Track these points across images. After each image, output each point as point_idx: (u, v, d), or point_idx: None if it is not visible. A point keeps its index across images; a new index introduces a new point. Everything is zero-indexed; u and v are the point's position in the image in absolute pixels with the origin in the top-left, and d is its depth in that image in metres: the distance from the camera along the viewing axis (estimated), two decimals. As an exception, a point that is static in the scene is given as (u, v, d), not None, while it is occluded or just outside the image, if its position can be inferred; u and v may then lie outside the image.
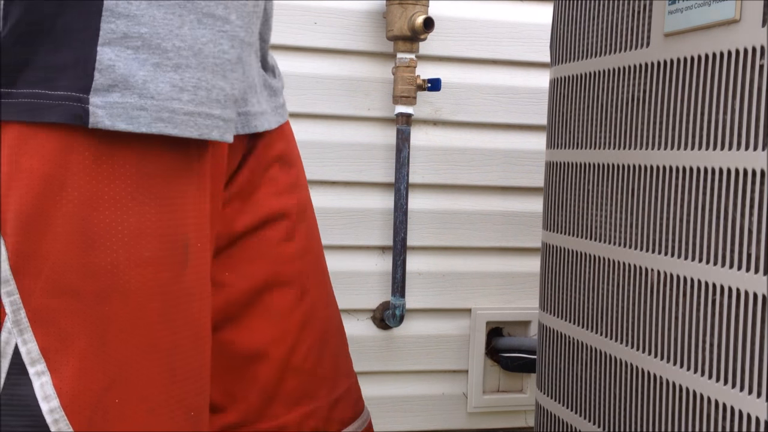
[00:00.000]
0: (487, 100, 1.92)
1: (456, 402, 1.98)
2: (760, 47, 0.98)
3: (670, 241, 1.13)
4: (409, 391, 1.95)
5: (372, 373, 1.92)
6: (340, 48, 1.84)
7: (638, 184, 1.20)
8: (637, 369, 1.19)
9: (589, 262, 1.32)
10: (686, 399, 1.09)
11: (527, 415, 2.02)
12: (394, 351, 1.93)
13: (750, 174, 0.99)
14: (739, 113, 1.01)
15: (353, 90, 1.85)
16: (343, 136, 1.85)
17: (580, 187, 1.35)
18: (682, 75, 1.11)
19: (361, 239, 1.88)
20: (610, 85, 1.27)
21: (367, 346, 1.91)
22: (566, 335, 1.38)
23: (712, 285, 1.05)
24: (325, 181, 1.85)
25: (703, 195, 1.07)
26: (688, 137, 1.10)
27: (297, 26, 1.80)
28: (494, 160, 1.94)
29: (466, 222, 1.93)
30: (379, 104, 1.86)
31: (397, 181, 1.85)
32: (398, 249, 1.85)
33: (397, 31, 1.79)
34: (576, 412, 1.35)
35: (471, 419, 1.99)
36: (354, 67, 1.85)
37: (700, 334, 1.07)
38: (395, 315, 1.86)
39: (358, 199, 1.88)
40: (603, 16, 1.28)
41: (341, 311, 1.89)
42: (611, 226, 1.26)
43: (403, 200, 1.85)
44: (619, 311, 1.24)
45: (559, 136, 1.42)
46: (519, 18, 1.92)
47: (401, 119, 1.84)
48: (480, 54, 1.91)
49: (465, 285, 1.95)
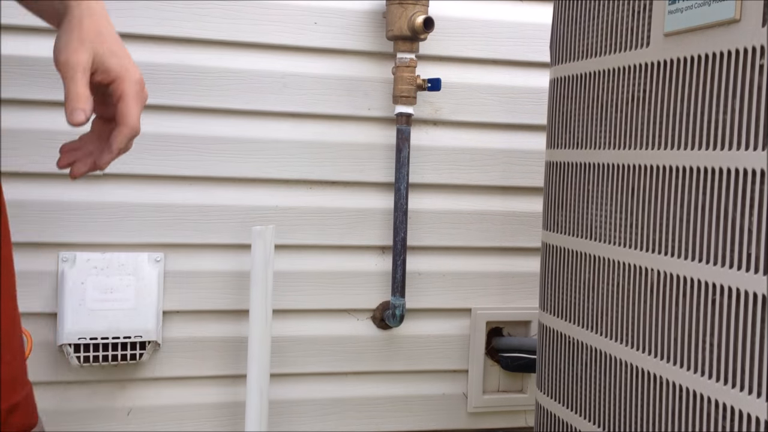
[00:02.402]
0: (487, 100, 1.92)
1: (456, 402, 1.98)
2: (760, 47, 0.98)
3: (670, 241, 1.13)
4: (409, 391, 1.95)
5: (372, 373, 1.92)
6: (340, 48, 1.84)
7: (638, 184, 1.20)
8: (637, 369, 1.19)
9: (589, 262, 1.31)
10: (686, 399, 1.09)
11: (527, 415, 2.02)
12: (394, 351, 1.93)
13: (750, 174, 0.99)
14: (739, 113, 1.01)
15: (353, 90, 1.85)
16: (343, 136, 1.85)
17: (580, 187, 1.35)
18: (682, 75, 1.11)
19: (361, 239, 1.88)
20: (610, 85, 1.27)
21: (367, 346, 1.91)
22: (566, 335, 1.38)
23: (712, 285, 1.05)
24: (325, 181, 1.85)
25: (703, 195, 1.07)
26: (688, 137, 1.10)
27: (297, 26, 1.80)
28: (494, 160, 1.94)
29: (466, 222, 1.93)
30: (379, 104, 1.86)
31: (397, 181, 1.85)
32: (398, 249, 1.85)
33: (397, 31, 1.79)
34: (576, 412, 1.35)
35: (471, 419, 1.99)
36: (354, 67, 1.85)
37: (700, 334, 1.07)
38: (395, 315, 1.86)
39: (358, 199, 1.88)
40: (603, 16, 1.28)
41: (341, 311, 1.90)
42: (611, 226, 1.26)
43: (403, 200, 1.85)
44: (619, 311, 1.24)
45: (559, 136, 1.42)
46: (519, 18, 1.92)
47: (401, 119, 1.84)
48: (480, 54, 1.91)
49: (465, 285, 1.95)
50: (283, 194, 1.83)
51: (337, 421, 1.91)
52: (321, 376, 1.89)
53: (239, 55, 1.78)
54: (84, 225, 1.72)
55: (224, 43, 1.77)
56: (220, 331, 1.82)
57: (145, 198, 1.76)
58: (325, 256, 1.87)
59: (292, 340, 1.86)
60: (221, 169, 1.79)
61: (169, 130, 1.76)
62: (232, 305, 1.81)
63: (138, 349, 1.72)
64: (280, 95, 1.81)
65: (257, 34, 1.79)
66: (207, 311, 1.81)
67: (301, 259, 1.85)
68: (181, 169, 1.77)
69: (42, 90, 1.67)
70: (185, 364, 1.80)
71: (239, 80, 1.78)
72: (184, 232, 1.78)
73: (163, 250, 1.77)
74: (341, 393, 1.91)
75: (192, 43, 1.75)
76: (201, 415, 1.83)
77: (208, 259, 1.80)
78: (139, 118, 0.92)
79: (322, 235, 1.86)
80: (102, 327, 1.69)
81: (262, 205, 1.82)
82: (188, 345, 1.80)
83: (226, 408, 1.84)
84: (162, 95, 1.74)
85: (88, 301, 1.69)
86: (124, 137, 0.91)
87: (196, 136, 1.77)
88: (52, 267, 1.70)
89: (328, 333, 1.88)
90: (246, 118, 1.80)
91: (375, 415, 1.93)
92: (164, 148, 1.75)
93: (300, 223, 1.84)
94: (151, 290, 1.73)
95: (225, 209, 1.80)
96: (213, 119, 1.78)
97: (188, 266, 1.79)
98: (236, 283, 1.81)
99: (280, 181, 1.83)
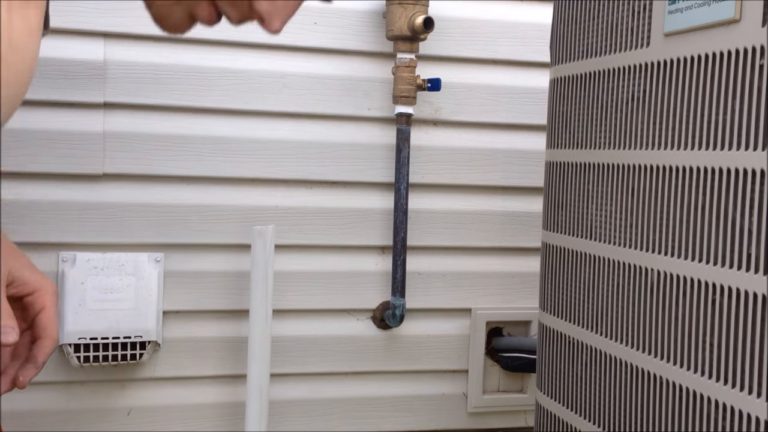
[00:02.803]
0: (487, 100, 1.92)
1: (456, 402, 1.98)
2: (760, 47, 0.98)
3: (670, 241, 1.13)
4: (409, 391, 1.95)
5: (372, 373, 1.92)
6: (340, 48, 1.84)
7: (638, 184, 1.20)
8: (637, 369, 1.19)
9: (589, 262, 1.31)
10: (686, 399, 1.09)
11: (527, 415, 2.02)
12: (394, 351, 1.93)
13: (750, 174, 0.99)
14: (739, 113, 1.01)
15: (353, 90, 1.85)
16: (343, 136, 1.85)
17: (580, 187, 1.35)
18: (682, 75, 1.11)
19: (361, 239, 1.88)
20: (610, 85, 1.27)
21: (367, 346, 1.91)
22: (566, 335, 1.38)
23: (712, 285, 1.05)
24: (325, 181, 1.85)
25: (703, 195, 1.07)
26: (688, 137, 1.10)
27: (297, 26, 1.80)
28: (494, 160, 1.94)
29: (466, 222, 1.93)
30: (379, 104, 1.86)
31: (397, 181, 1.85)
32: (398, 249, 1.85)
33: (397, 31, 1.79)
34: (576, 412, 1.35)
35: (471, 419, 1.99)
36: (354, 67, 1.85)
37: (700, 334, 1.07)
38: (395, 315, 1.86)
39: (358, 199, 1.88)
40: (603, 15, 1.28)
41: (341, 311, 1.90)
42: (611, 226, 1.26)
43: (403, 200, 1.85)
44: (619, 311, 1.24)
45: (559, 136, 1.42)
46: (519, 18, 1.92)
47: (401, 119, 1.84)
48: (480, 54, 1.91)
49: (465, 285, 1.95)
50: (283, 194, 1.83)
51: (337, 421, 1.91)
52: (321, 376, 1.89)
53: (239, 55, 1.78)
54: (84, 225, 1.72)
55: (224, 43, 1.77)
56: (220, 331, 1.82)
57: (145, 198, 1.76)
58: (325, 256, 1.87)
59: (292, 340, 1.86)
60: (221, 169, 1.79)
61: (169, 130, 1.76)
62: (232, 305, 1.81)
63: (138, 349, 1.72)
64: (280, 95, 1.81)
65: (257, 34, 1.78)
66: (207, 311, 1.81)
67: (301, 259, 1.85)
68: (181, 169, 1.77)
69: (42, 90, 1.66)
70: (185, 364, 1.80)
71: (239, 80, 1.78)
72: (184, 232, 1.78)
73: (163, 250, 1.77)
74: (341, 393, 1.91)
75: (192, 43, 1.75)
76: (201, 415, 1.83)
77: (208, 259, 1.80)
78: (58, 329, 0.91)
79: (322, 235, 1.86)
80: (102, 327, 1.69)
81: (262, 205, 1.82)
82: (188, 345, 1.80)
83: (226, 408, 1.84)
84: (162, 95, 1.74)
85: (88, 301, 1.69)
86: (51, 350, 0.89)
87: (196, 136, 1.77)
88: (52, 267, 1.70)
89: (328, 333, 1.88)
90: (246, 118, 1.80)
91: (375, 415, 1.93)
92: (164, 148, 1.75)
93: (300, 223, 1.84)
94: (151, 290, 1.73)
95: (225, 209, 1.80)
96: (213, 119, 1.78)
97: (188, 266, 1.79)
98: (236, 283, 1.81)
99: (280, 181, 1.83)
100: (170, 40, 1.74)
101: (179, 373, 1.80)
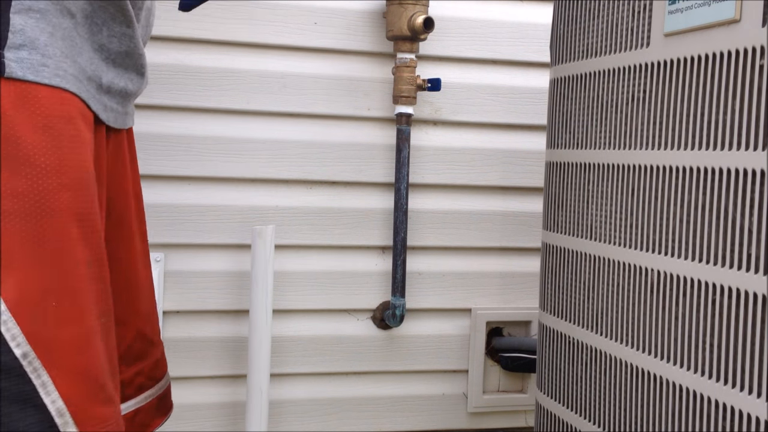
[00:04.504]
0: (487, 100, 1.92)
1: (456, 402, 1.98)
2: (760, 47, 0.98)
3: (670, 241, 1.13)
4: (409, 391, 1.95)
5: (372, 373, 1.92)
6: (340, 48, 1.84)
7: (638, 184, 1.20)
8: (637, 369, 1.19)
9: (589, 262, 1.32)
10: (686, 399, 1.09)
11: (527, 415, 2.02)
12: (394, 351, 1.93)
13: (750, 174, 0.99)
14: (739, 113, 1.01)
15: (353, 90, 1.85)
16: (343, 136, 1.85)
17: (580, 187, 1.35)
18: (682, 75, 1.11)
19: (361, 239, 1.88)
20: (610, 85, 1.27)
21: (367, 346, 1.91)
22: (566, 335, 1.38)
23: (712, 285, 1.05)
24: (325, 181, 1.85)
25: (703, 195, 1.07)
26: (688, 137, 1.10)
27: (297, 26, 1.80)
28: (494, 160, 1.94)
29: (466, 222, 1.93)
30: (379, 104, 1.86)
31: (397, 181, 1.85)
32: (398, 249, 1.85)
33: (397, 31, 1.79)
34: (576, 412, 1.35)
35: (471, 419, 1.99)
36: (354, 67, 1.85)
37: (700, 334, 1.07)
38: (395, 315, 1.87)
39: (358, 199, 1.88)
40: (603, 16, 1.28)
41: (341, 311, 1.90)
42: (611, 226, 1.26)
43: (403, 200, 1.85)
44: (619, 311, 1.24)
45: (559, 136, 1.42)
46: (519, 18, 1.92)
47: (401, 119, 1.84)
48: (480, 54, 1.91)
49: (465, 285, 1.95)
50: (283, 194, 1.83)
51: (337, 421, 1.91)
52: (321, 376, 1.89)
53: (239, 55, 1.78)
54: (84, 225, 1.72)
55: (224, 43, 1.77)
56: (220, 331, 1.82)
57: (144, 198, 1.75)
58: (325, 256, 1.87)
59: (292, 340, 1.86)
60: (221, 169, 1.79)
61: (169, 130, 1.76)
62: (232, 305, 1.81)
63: (138, 349, 1.71)
64: (280, 95, 1.81)
65: (257, 34, 1.79)
66: (207, 311, 1.81)
67: (301, 259, 1.85)
68: (180, 169, 1.77)
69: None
70: (185, 364, 1.80)
71: (239, 80, 1.78)
72: (184, 232, 1.78)
73: (163, 250, 1.77)
74: (341, 393, 1.91)
75: (192, 43, 1.75)
76: (201, 415, 1.83)
77: (207, 259, 1.80)
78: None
79: (322, 235, 1.86)
80: (102, 327, 1.69)
81: (262, 205, 1.82)
82: (188, 345, 1.80)
83: (226, 408, 1.84)
84: (162, 95, 1.74)
85: (88, 301, 1.68)
86: None
87: (195, 136, 1.77)
88: (52, 267, 1.70)
89: (328, 333, 1.88)
90: (246, 118, 1.80)
91: (375, 415, 1.93)
92: (164, 148, 1.75)
93: (300, 223, 1.84)
94: (151, 290, 1.73)
95: (225, 209, 1.80)
96: (213, 119, 1.78)
97: (188, 266, 1.79)
98: (236, 283, 1.81)
99: (280, 181, 1.83)
100: (170, 40, 1.74)
101: (179, 372, 1.80)
